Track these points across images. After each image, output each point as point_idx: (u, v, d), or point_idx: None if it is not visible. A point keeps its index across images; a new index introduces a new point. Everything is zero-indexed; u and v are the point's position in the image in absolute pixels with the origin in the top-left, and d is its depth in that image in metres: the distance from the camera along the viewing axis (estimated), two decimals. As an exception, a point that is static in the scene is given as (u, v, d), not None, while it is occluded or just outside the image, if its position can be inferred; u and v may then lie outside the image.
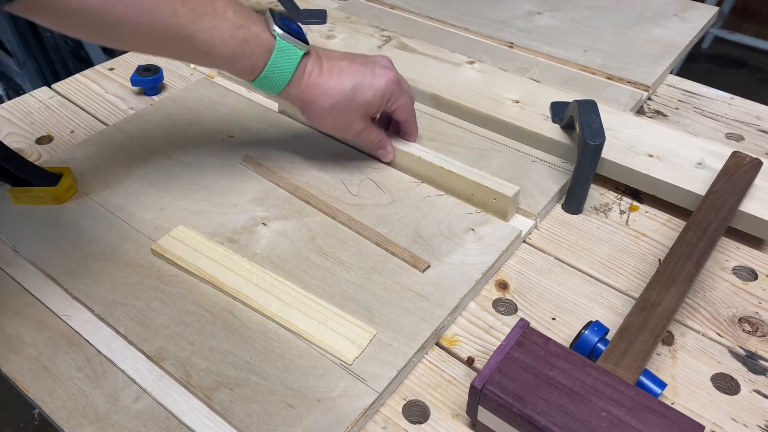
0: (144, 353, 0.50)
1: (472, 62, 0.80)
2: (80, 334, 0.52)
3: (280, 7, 0.89)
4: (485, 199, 0.62)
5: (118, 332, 0.52)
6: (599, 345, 0.49)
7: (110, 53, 1.95)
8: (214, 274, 0.55)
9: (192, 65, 0.86)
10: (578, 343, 0.49)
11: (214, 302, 0.54)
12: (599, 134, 0.60)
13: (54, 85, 0.82)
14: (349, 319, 0.51)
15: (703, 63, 2.37)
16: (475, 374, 0.51)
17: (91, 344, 0.51)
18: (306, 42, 0.58)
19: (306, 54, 0.58)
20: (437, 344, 0.53)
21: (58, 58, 2.01)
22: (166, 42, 0.53)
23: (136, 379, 0.49)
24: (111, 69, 0.86)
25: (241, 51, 0.55)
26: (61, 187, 0.62)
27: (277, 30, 0.56)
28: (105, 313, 0.53)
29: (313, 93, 0.59)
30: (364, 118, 0.62)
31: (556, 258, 0.61)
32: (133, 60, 0.88)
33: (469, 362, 0.51)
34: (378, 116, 0.67)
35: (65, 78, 0.83)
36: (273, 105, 0.77)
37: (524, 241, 0.62)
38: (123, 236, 0.60)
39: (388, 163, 0.68)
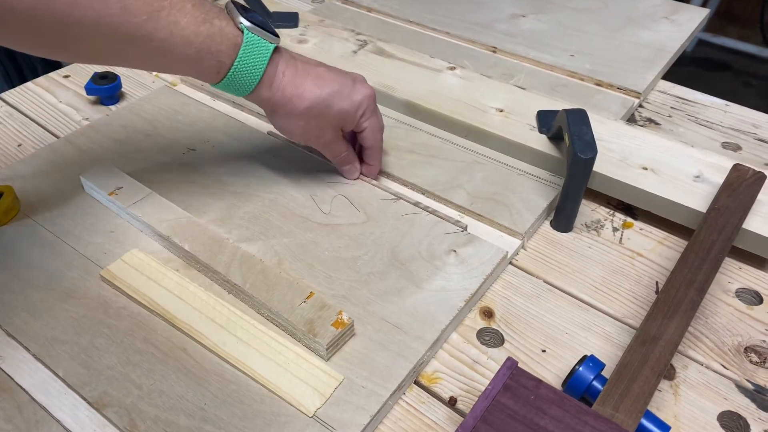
0: (84, 399, 0.44)
1: (453, 68, 0.75)
2: (12, 378, 0.46)
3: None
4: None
5: (56, 375, 0.46)
6: (595, 383, 0.44)
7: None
8: (167, 306, 0.49)
9: (153, 72, 0.80)
10: (572, 381, 0.45)
11: (166, 338, 0.48)
12: (590, 147, 0.55)
13: (2, 95, 0.76)
14: (314, 362, 0.46)
15: (688, 66, 2.34)
16: (457, 417, 0.45)
17: (24, 390, 0.45)
18: (275, 35, 0.52)
19: (276, 49, 0.53)
20: (416, 382, 0.48)
21: (27, 62, 1.94)
22: (118, 44, 0.46)
23: (73, 429, 0.43)
24: (66, 76, 0.80)
25: (206, 48, 0.49)
26: (0, 208, 0.56)
27: (244, 22, 0.50)
28: (42, 352, 0.47)
29: (287, 94, 0.53)
30: (336, 130, 0.58)
31: (545, 281, 0.56)
32: (90, 66, 0.82)
33: (452, 403, 0.46)
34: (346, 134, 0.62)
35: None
36: (238, 115, 0.72)
37: (510, 263, 0.57)
38: (68, 263, 0.54)
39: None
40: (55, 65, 1.97)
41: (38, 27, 0.42)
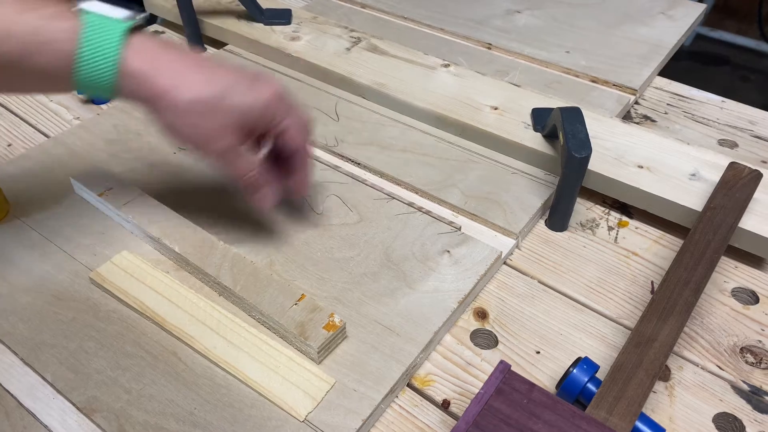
0: (73, 404, 0.44)
1: (447, 65, 0.74)
2: (0, 384, 0.45)
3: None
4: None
5: (44, 379, 0.45)
6: (589, 385, 0.44)
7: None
8: (157, 309, 0.49)
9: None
10: (566, 383, 0.44)
11: (156, 342, 0.47)
12: (585, 145, 0.54)
13: (-8, 94, 0.75)
14: (305, 366, 0.45)
15: (685, 61, 2.33)
16: (451, 420, 0.45)
17: (12, 395, 0.45)
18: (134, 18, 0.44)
19: (135, 33, 0.44)
20: (408, 385, 0.47)
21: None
22: None
23: (61, 435, 0.42)
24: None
25: (35, 40, 0.41)
26: (-11, 210, 0.56)
27: (81, 4, 0.44)
28: (31, 356, 0.46)
29: (161, 84, 0.43)
30: (236, 134, 0.46)
31: (539, 281, 0.55)
32: (81, 65, 0.81)
33: (445, 405, 0.46)
34: (265, 148, 0.51)
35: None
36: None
37: (505, 263, 0.57)
38: (58, 265, 0.53)
39: None
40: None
41: None
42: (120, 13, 0.43)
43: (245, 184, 0.49)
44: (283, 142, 0.49)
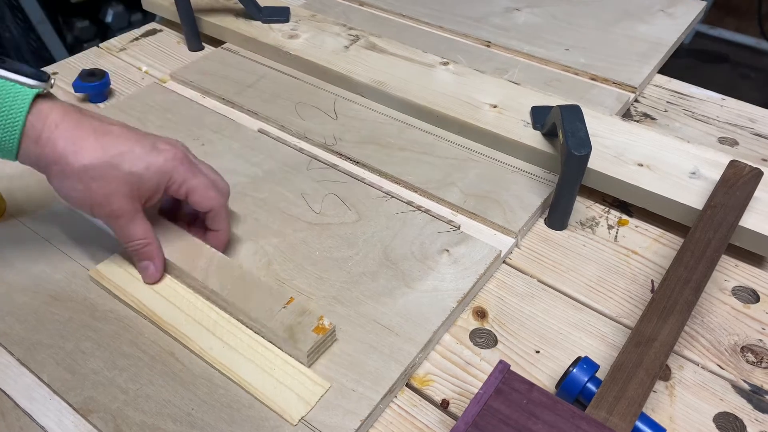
0: (70, 404, 0.44)
1: (446, 63, 0.74)
2: (-4, 384, 0.45)
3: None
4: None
5: (41, 380, 0.45)
6: (589, 385, 0.43)
7: (73, 52, 1.87)
8: (154, 308, 0.48)
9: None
10: (566, 382, 0.44)
11: (153, 342, 0.47)
12: (585, 144, 0.54)
13: (-11, 92, 0.75)
14: (300, 369, 0.45)
15: (684, 58, 2.33)
16: (450, 420, 0.45)
17: (8, 395, 0.44)
18: (45, 81, 0.44)
19: (45, 98, 0.44)
20: (407, 385, 0.47)
21: (19, 58, 1.92)
22: None
23: (58, 436, 0.42)
24: (54, 73, 0.79)
25: None
26: (-15, 209, 0.55)
27: None
28: (27, 357, 0.46)
29: (59, 150, 0.44)
30: (130, 200, 0.46)
31: (539, 280, 0.55)
32: (78, 63, 0.81)
33: (444, 405, 0.46)
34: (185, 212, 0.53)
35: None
36: (229, 113, 0.71)
37: (504, 262, 0.56)
38: (55, 265, 0.53)
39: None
40: (43, 62, 1.95)
41: None
42: (27, 80, 0.44)
43: (132, 251, 0.49)
44: (194, 203, 0.50)
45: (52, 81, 0.45)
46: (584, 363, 0.44)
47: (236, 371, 0.44)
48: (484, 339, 0.50)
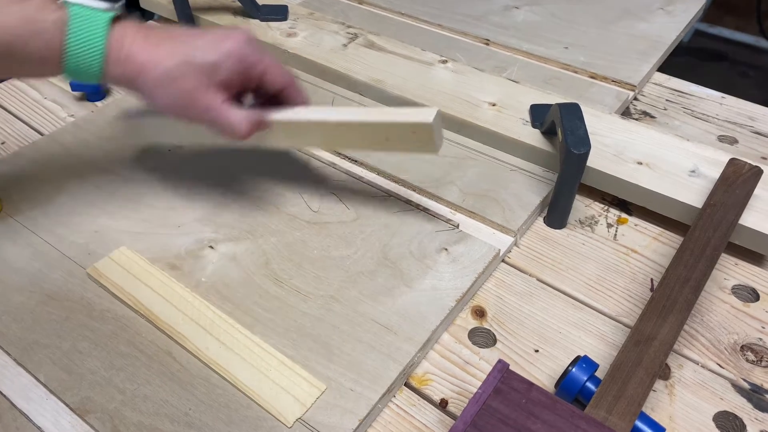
0: (66, 404, 0.43)
1: (445, 61, 0.74)
2: (-8, 385, 0.45)
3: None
4: (403, 136, 0.50)
5: (37, 380, 0.45)
6: (588, 384, 0.43)
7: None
8: (151, 307, 0.48)
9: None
10: (565, 381, 0.44)
11: (150, 341, 0.47)
12: (584, 142, 0.54)
13: (-14, 91, 0.75)
14: (296, 370, 0.44)
15: (683, 56, 2.33)
16: (449, 420, 0.44)
17: (4, 396, 0.44)
18: (116, 2, 0.48)
19: (118, 20, 0.47)
20: (406, 384, 0.47)
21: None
22: None
23: (55, 437, 0.42)
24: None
25: (24, 32, 0.43)
26: (-19, 209, 0.55)
27: None
28: (23, 357, 0.46)
29: (139, 62, 0.46)
30: (213, 90, 0.48)
31: (538, 279, 0.55)
32: (75, 62, 0.80)
33: (443, 405, 0.45)
34: (248, 99, 0.53)
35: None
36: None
37: (503, 260, 0.56)
38: (51, 264, 0.53)
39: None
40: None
41: None
42: (100, 4, 0.47)
43: (233, 132, 0.49)
44: (269, 83, 0.51)
45: (122, 1, 0.47)
46: (583, 362, 0.44)
47: (232, 372, 0.44)
48: (482, 338, 0.50)
